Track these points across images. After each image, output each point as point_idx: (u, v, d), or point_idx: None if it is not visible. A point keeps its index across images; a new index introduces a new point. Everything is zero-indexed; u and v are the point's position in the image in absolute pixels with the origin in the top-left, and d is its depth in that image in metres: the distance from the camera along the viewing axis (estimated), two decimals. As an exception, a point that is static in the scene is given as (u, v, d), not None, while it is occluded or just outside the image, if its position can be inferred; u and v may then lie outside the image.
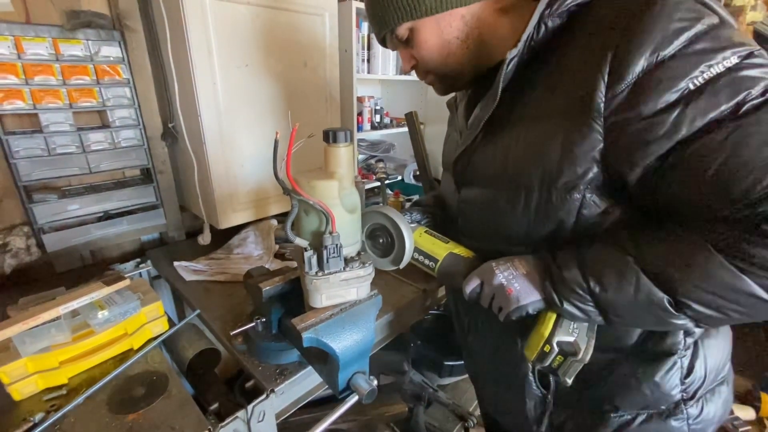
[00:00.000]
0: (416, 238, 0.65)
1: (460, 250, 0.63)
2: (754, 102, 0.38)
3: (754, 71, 0.38)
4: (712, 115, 0.39)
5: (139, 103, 1.09)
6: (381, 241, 0.65)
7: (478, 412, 1.49)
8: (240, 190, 1.15)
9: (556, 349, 0.51)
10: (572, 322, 0.52)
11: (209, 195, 1.11)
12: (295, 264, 1.04)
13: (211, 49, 0.98)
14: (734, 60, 0.39)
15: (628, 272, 0.45)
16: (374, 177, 1.58)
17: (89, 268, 1.17)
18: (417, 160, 1.00)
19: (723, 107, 0.39)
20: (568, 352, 0.51)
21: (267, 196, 1.23)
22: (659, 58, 0.40)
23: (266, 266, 1.03)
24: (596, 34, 0.45)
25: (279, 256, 1.17)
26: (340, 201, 0.56)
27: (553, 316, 0.53)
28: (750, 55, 0.39)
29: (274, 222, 1.26)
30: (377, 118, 1.65)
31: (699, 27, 0.40)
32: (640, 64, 0.41)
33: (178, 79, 1.03)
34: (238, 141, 1.11)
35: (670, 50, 0.40)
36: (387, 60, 1.57)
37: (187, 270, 1.07)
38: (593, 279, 0.47)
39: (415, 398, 1.49)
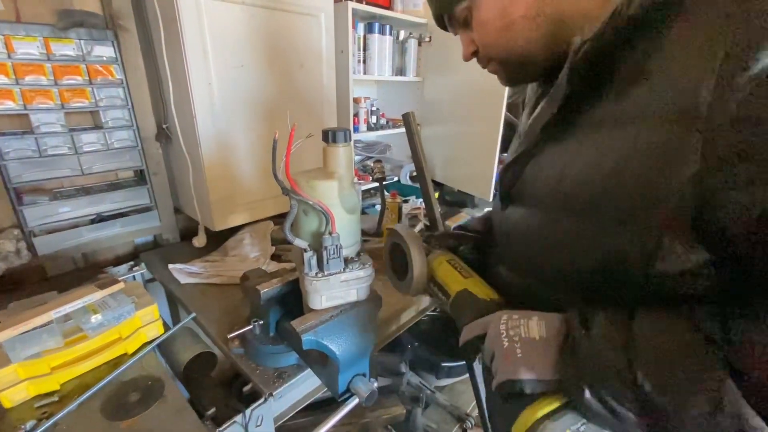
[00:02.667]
0: (435, 267, 0.57)
1: (479, 289, 0.51)
2: None
3: None
4: None
5: (133, 104, 1.08)
6: (398, 262, 0.58)
7: (475, 413, 1.49)
8: (236, 191, 1.14)
9: None
10: (583, 419, 0.36)
11: (204, 196, 1.10)
12: (292, 266, 1.03)
13: (206, 49, 0.97)
14: None
15: (708, 375, 0.30)
16: (371, 178, 1.58)
17: (81, 271, 1.15)
18: (414, 161, 0.99)
19: None
20: None
21: (263, 198, 1.22)
22: None
23: (263, 268, 1.02)
24: (712, 18, 0.32)
25: (276, 258, 1.16)
26: (339, 201, 0.55)
27: (558, 401, 0.37)
28: None
29: (271, 224, 1.25)
30: (373, 119, 1.64)
31: None
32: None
33: (172, 80, 1.01)
34: (234, 142, 1.10)
35: None
36: (383, 61, 1.57)
37: (183, 272, 1.05)
38: (643, 371, 0.32)
39: (412, 400, 1.48)
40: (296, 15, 1.14)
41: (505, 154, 2.02)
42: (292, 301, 0.70)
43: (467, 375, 1.42)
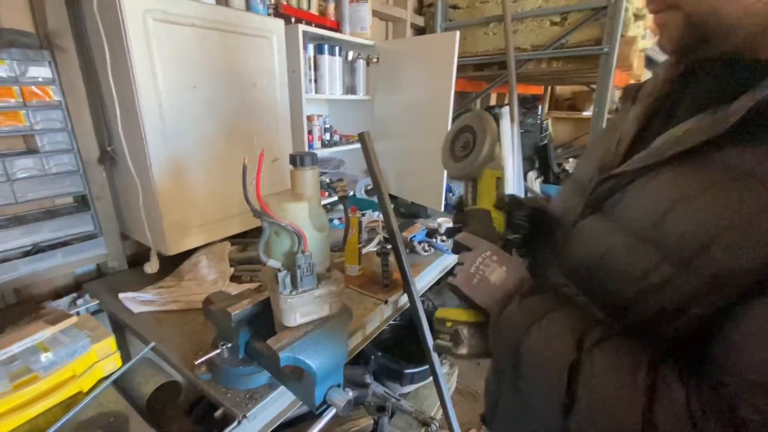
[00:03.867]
0: (485, 173, 0.57)
1: (497, 221, 0.55)
2: None
3: None
4: None
5: (73, 126, 1.02)
6: (461, 145, 0.61)
7: (440, 415, 1.54)
8: (190, 213, 1.11)
9: (450, 332, 0.50)
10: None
11: (157, 220, 1.06)
12: (253, 286, 1.03)
13: (155, 71, 0.96)
14: None
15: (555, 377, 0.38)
16: (327, 194, 1.61)
17: (13, 308, 1.05)
18: (372, 177, 1.05)
19: None
20: (455, 341, 0.50)
21: (219, 218, 1.20)
22: None
23: (224, 290, 1.00)
24: None
25: (235, 279, 1.14)
26: (310, 221, 0.58)
27: (471, 314, 0.50)
28: None
29: (228, 244, 1.23)
30: (327, 136, 1.68)
31: None
32: None
33: (119, 102, 0.98)
34: (188, 163, 1.08)
35: None
36: (334, 80, 1.61)
37: (135, 301, 1.00)
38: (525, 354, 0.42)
39: (378, 410, 1.51)
40: (248, 37, 1.16)
41: None
42: (261, 321, 0.71)
43: (431, 378, 1.48)
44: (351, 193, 1.82)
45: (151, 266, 1.13)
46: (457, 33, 1.41)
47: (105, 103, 1.04)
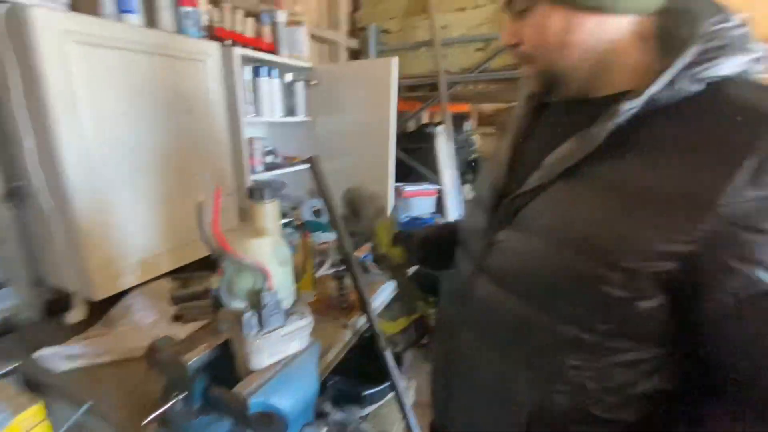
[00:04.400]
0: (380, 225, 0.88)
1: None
2: None
3: None
4: None
5: (-31, 161, 0.88)
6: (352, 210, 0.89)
7: (402, 429, 1.54)
8: (120, 251, 1.01)
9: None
10: None
11: (80, 262, 0.94)
12: (198, 325, 0.95)
13: (75, 98, 0.87)
14: None
15: None
16: (293, 221, 1.56)
17: None
18: (324, 201, 1.04)
19: None
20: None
21: (155, 253, 1.10)
22: None
23: (168, 334, 0.92)
24: (733, 125, 0.38)
25: (178, 318, 1.05)
26: (274, 257, 0.56)
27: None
28: None
29: (168, 281, 1.13)
30: (269, 158, 1.63)
31: None
32: None
33: (35, 132, 0.87)
34: (117, 197, 0.98)
35: None
36: (273, 102, 1.59)
37: (59, 357, 0.88)
38: None
39: (340, 438, 1.47)
40: (181, 60, 1.10)
41: (407, 185, 2.20)
42: (218, 365, 0.66)
43: (390, 395, 1.47)
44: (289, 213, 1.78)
45: (75, 314, 1.00)
46: (396, 59, 1.47)
47: (12, 135, 0.91)
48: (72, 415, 0.74)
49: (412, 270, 0.74)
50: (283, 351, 0.58)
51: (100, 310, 1.03)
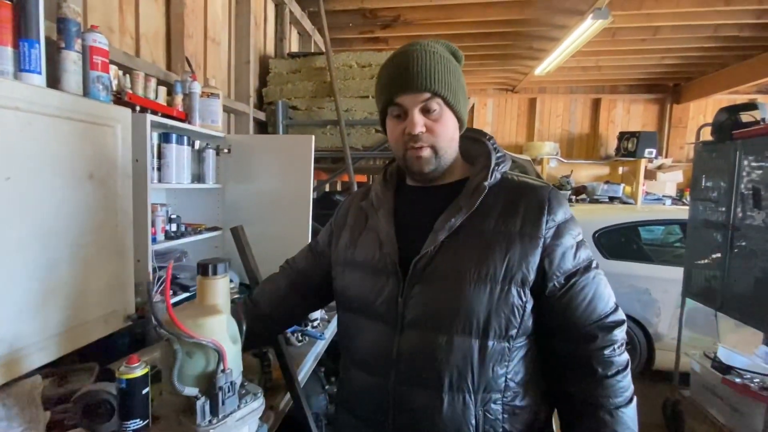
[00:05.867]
0: None
1: None
2: (594, 263, 0.71)
3: (587, 246, 0.73)
4: (585, 262, 0.69)
5: None
6: None
7: None
8: (-21, 345, 0.80)
9: None
10: None
11: None
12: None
13: (-49, 159, 0.73)
14: (582, 237, 0.72)
15: None
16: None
17: None
18: (246, 270, 1.03)
19: (587, 259, 0.70)
20: None
21: (24, 345, 0.90)
22: (567, 216, 0.70)
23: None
24: (528, 194, 0.71)
25: (56, 425, 0.84)
26: (227, 334, 0.55)
27: None
28: (583, 239, 0.73)
29: (38, 378, 0.91)
30: (173, 227, 1.51)
31: (572, 213, 0.73)
32: (561, 216, 0.69)
33: None
34: (-15, 276, 0.81)
35: (568, 216, 0.71)
36: (181, 169, 1.52)
37: None
38: None
39: None
40: (86, 124, 1.02)
41: None
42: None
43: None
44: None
45: None
46: (312, 137, 1.59)
47: None
48: None
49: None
50: (235, 438, 0.55)
51: (-70, 429, 0.77)
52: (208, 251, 1.83)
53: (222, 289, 0.57)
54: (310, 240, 1.66)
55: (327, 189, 3.97)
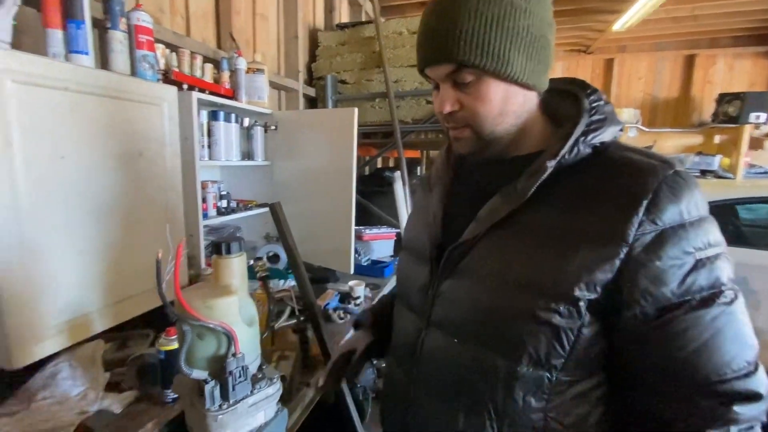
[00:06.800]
0: None
1: None
2: (728, 296, 0.46)
3: (726, 267, 0.47)
4: (704, 292, 0.45)
5: None
6: None
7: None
8: (48, 309, 0.88)
9: None
10: None
11: (-4, 325, 0.81)
12: (132, 394, 0.84)
13: (10, 139, 0.78)
14: (717, 251, 0.47)
15: None
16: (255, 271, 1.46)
17: None
18: (285, 249, 1.01)
19: (709, 288, 0.45)
20: None
21: (87, 311, 0.98)
22: (685, 219, 0.46)
23: (99, 408, 0.80)
24: (623, 178, 0.48)
25: (112, 387, 0.92)
26: (240, 317, 0.52)
27: None
28: (723, 255, 0.47)
29: (101, 342, 1.00)
30: (223, 203, 1.56)
31: (708, 216, 0.48)
32: (670, 218, 0.45)
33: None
34: (49, 247, 0.87)
35: (691, 218, 0.46)
36: (230, 146, 1.55)
37: (-47, 447, 0.72)
38: None
39: None
40: (134, 103, 1.05)
41: (366, 228, 2.20)
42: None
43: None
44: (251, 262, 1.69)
45: (-19, 389, 0.83)
46: (356, 110, 1.52)
47: None
48: None
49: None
50: (249, 424, 0.52)
51: (18, 379, 0.87)
52: (259, 227, 1.89)
53: (237, 268, 0.54)
54: (352, 219, 1.63)
55: (379, 165, 3.93)
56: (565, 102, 0.56)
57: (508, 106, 0.52)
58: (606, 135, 0.52)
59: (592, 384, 0.51)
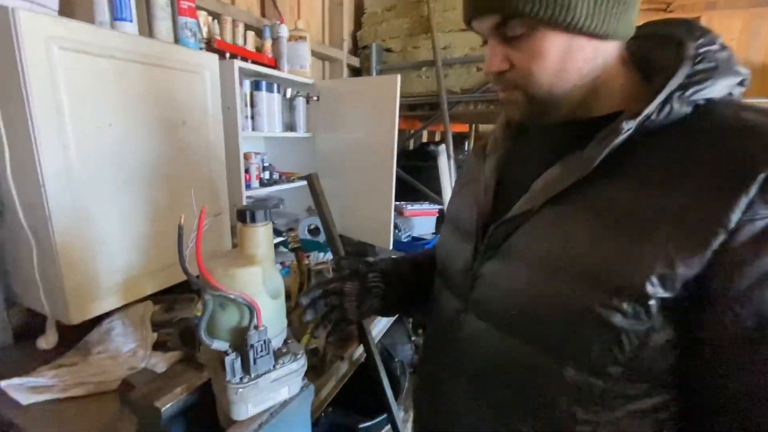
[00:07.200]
0: None
1: None
2: None
3: None
4: None
5: (-61, 171, 0.81)
6: None
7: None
8: (101, 271, 0.93)
9: None
10: None
11: (56, 283, 0.87)
12: (177, 354, 0.87)
13: (60, 106, 0.81)
14: None
15: None
16: (288, 242, 1.48)
17: None
18: (321, 220, 0.98)
19: None
20: None
21: (138, 275, 1.03)
22: None
23: (146, 366, 0.84)
24: (728, 145, 0.37)
25: (159, 346, 0.97)
26: (263, 288, 0.50)
27: None
28: None
29: (150, 304, 1.05)
30: (266, 174, 1.57)
31: None
32: None
33: (9, 141, 0.81)
34: (100, 212, 0.91)
35: None
36: (272, 117, 1.54)
37: (24, 389, 0.79)
38: None
39: (331, 476, 1.36)
40: (177, 71, 1.05)
41: (408, 204, 2.15)
42: (200, 408, 0.58)
43: (386, 428, 1.38)
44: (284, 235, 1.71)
45: (48, 340, 0.91)
46: (398, 77, 1.44)
47: (-12, 144, 0.85)
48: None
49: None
50: (272, 399, 0.51)
51: (76, 334, 0.94)
52: (302, 200, 1.90)
53: (262, 237, 0.52)
54: (392, 194, 1.57)
55: (424, 140, 3.81)
56: (665, 50, 0.44)
57: (571, 61, 0.42)
58: (715, 90, 0.40)
59: (659, 402, 0.41)
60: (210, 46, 1.25)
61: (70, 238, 0.86)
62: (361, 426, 1.47)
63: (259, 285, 0.49)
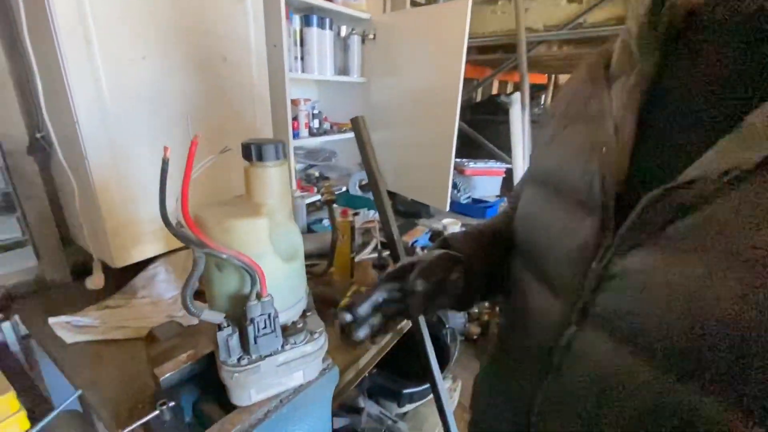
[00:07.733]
0: None
1: None
2: None
3: None
4: None
5: (-11, 107, 0.80)
6: None
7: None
8: (142, 216, 0.90)
9: None
10: None
11: (98, 225, 0.85)
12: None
13: (89, 37, 0.74)
14: None
15: None
16: (320, 195, 1.40)
17: None
18: (367, 172, 0.84)
19: None
20: None
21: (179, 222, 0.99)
22: None
23: (180, 318, 0.80)
24: None
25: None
26: (272, 246, 0.38)
27: None
28: None
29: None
30: (315, 123, 1.46)
31: None
32: None
33: (42, 76, 0.76)
34: (137, 153, 0.87)
35: None
36: (323, 58, 1.40)
37: (69, 327, 0.80)
38: None
39: (373, 436, 1.33)
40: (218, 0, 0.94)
41: (470, 161, 1.94)
42: (214, 373, 0.51)
43: (431, 396, 1.29)
44: (344, 189, 1.61)
45: (94, 281, 0.92)
46: (469, 2, 1.19)
47: (29, 79, 0.82)
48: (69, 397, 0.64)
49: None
50: (281, 384, 0.41)
51: (124, 277, 0.95)
52: (355, 153, 1.77)
53: (274, 182, 0.39)
54: (454, 145, 1.37)
55: (495, 92, 3.43)
56: None
57: None
58: None
59: None
60: (254, -29, 1.11)
61: (108, 178, 0.82)
62: (405, 392, 1.41)
63: (265, 243, 0.37)
